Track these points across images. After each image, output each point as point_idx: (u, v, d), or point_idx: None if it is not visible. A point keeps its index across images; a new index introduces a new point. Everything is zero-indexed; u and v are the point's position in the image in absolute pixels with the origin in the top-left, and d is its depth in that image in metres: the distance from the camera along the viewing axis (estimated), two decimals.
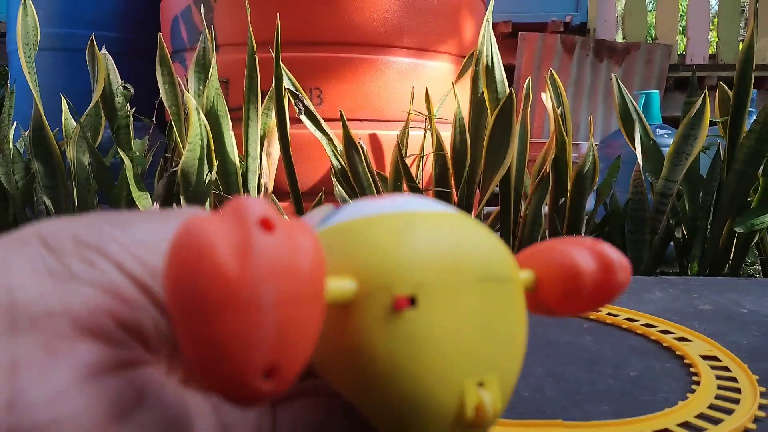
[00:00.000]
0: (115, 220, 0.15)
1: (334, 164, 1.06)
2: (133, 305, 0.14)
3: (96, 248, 0.14)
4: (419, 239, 0.16)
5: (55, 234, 0.14)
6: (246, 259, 0.13)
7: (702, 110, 0.96)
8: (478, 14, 1.37)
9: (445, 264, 0.16)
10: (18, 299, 0.13)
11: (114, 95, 1.01)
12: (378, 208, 0.18)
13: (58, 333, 0.13)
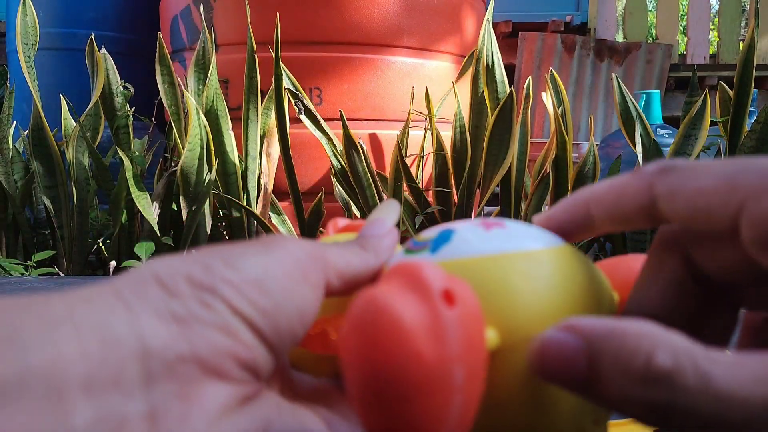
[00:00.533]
0: (226, 256, 0.16)
1: (334, 164, 1.06)
2: (247, 345, 0.15)
3: (211, 290, 0.15)
4: (553, 286, 0.17)
5: (171, 275, 0.15)
6: (440, 341, 0.14)
7: (703, 110, 0.95)
8: (478, 14, 1.37)
9: (575, 312, 0.17)
10: (150, 346, 0.14)
11: (113, 95, 1.01)
12: (496, 244, 0.18)
13: (189, 378, 0.14)
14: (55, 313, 0.13)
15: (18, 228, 1.09)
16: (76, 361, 0.13)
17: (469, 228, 0.20)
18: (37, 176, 1.01)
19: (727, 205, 0.15)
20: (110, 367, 0.13)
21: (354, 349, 0.14)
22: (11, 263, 1.00)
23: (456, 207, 1.06)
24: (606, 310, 0.18)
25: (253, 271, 0.16)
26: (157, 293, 0.14)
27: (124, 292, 0.14)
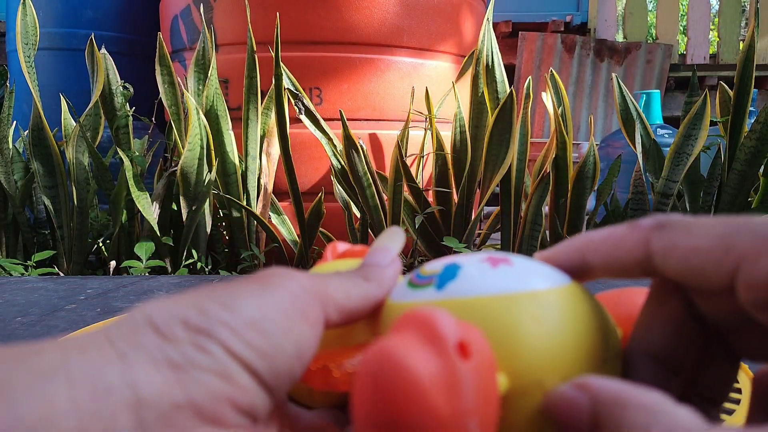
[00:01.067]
0: (222, 298, 0.16)
1: (334, 164, 1.06)
2: (245, 390, 0.15)
3: (207, 333, 0.15)
4: (561, 328, 0.17)
5: (165, 320, 0.15)
6: (456, 395, 0.14)
7: (702, 110, 0.95)
8: (478, 14, 1.37)
9: (584, 354, 0.17)
10: (143, 395, 0.13)
11: (113, 95, 1.01)
12: (503, 283, 0.18)
13: (185, 426, 0.14)
14: (49, 364, 0.13)
15: (18, 228, 1.09)
16: (68, 414, 0.13)
17: (475, 264, 0.20)
18: (37, 176, 1.01)
19: (721, 265, 0.15)
20: (102, 418, 0.13)
21: (368, 404, 0.14)
22: (11, 263, 1.00)
23: (456, 207, 1.06)
24: (612, 348, 0.19)
25: (250, 312, 0.16)
26: (152, 339, 0.14)
27: (117, 340, 0.14)
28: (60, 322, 0.61)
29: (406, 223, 1.07)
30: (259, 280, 0.17)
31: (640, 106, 1.45)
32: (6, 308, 0.67)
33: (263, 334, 0.15)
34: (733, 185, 0.97)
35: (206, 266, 1.04)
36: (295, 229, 1.13)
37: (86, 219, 1.03)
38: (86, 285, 0.80)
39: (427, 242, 1.08)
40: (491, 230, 1.17)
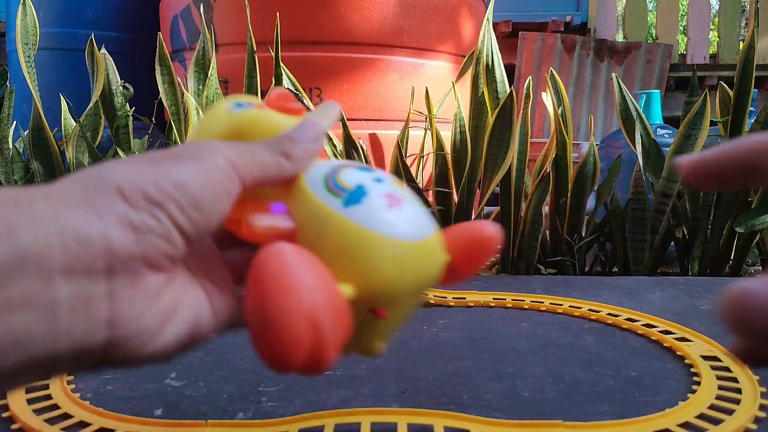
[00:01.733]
0: (171, 175, 0.21)
1: None
2: (178, 247, 0.21)
3: (160, 206, 0.20)
4: (405, 273, 0.24)
5: (131, 191, 0.20)
6: (306, 291, 0.20)
7: (703, 110, 0.95)
8: (478, 14, 1.37)
9: (412, 289, 0.25)
10: (114, 247, 0.19)
11: (113, 95, 1.01)
12: (386, 225, 0.24)
13: (137, 271, 0.20)
14: (42, 213, 0.18)
15: None
16: (59, 252, 0.18)
17: (376, 198, 0.25)
18: (37, 176, 1.01)
19: None
20: (84, 260, 0.18)
21: (252, 288, 0.20)
22: None
23: (456, 207, 1.06)
24: (429, 284, 0.27)
25: (192, 191, 0.21)
26: (121, 206, 0.20)
27: (95, 202, 0.19)
28: None
29: None
30: (195, 157, 0.23)
31: (640, 106, 1.45)
32: None
33: (198, 210, 0.22)
34: None
35: None
36: None
37: None
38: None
39: None
40: None
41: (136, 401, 0.41)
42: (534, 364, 0.49)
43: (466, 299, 0.69)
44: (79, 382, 0.45)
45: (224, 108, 0.29)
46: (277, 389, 0.44)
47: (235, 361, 0.49)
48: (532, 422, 0.37)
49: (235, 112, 0.29)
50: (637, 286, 0.80)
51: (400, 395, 0.43)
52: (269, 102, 0.29)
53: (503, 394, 0.43)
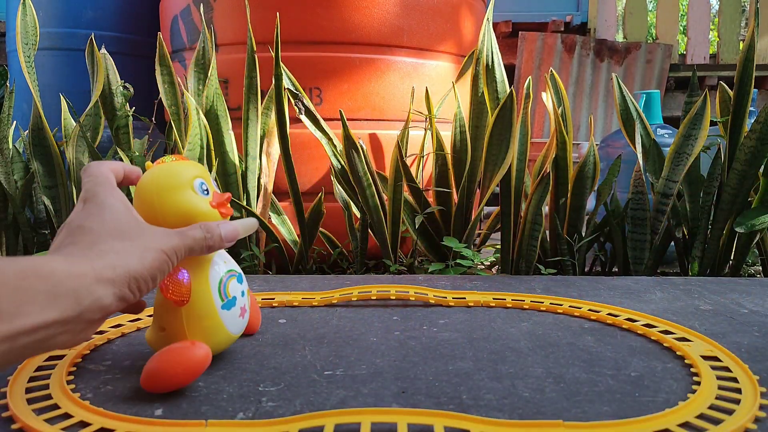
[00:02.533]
0: (130, 266, 0.38)
1: (334, 164, 1.06)
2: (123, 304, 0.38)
3: (115, 286, 0.36)
4: (223, 345, 0.49)
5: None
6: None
7: (703, 110, 0.95)
8: (478, 14, 1.37)
9: (221, 349, 0.50)
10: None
11: (113, 95, 1.01)
12: (233, 327, 0.49)
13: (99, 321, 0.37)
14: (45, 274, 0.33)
15: (18, 228, 1.09)
16: (64, 280, 0.33)
17: (238, 307, 0.49)
18: (37, 176, 1.01)
19: None
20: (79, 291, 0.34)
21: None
22: None
23: (456, 207, 1.06)
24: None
25: (143, 276, 0.38)
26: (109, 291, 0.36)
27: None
28: None
29: (406, 223, 1.07)
30: (143, 248, 0.39)
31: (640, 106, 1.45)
32: None
33: (139, 287, 0.37)
34: (733, 185, 0.97)
35: None
36: (295, 229, 1.13)
37: None
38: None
39: (427, 242, 1.08)
40: (491, 230, 1.17)
41: (136, 401, 0.42)
42: (534, 364, 0.49)
43: (466, 299, 0.69)
44: (79, 382, 0.45)
45: (189, 184, 0.45)
46: (277, 389, 0.44)
47: (235, 361, 0.50)
48: (532, 422, 0.37)
49: (199, 196, 0.45)
50: (637, 286, 0.80)
51: (400, 395, 0.43)
52: (216, 202, 0.46)
53: (503, 394, 0.43)
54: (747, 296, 0.74)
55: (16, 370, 0.46)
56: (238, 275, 0.49)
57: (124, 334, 0.57)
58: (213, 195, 0.46)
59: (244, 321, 0.50)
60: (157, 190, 0.44)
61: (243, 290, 0.49)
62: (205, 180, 0.46)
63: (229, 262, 0.49)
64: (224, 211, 0.46)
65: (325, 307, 0.68)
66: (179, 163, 0.46)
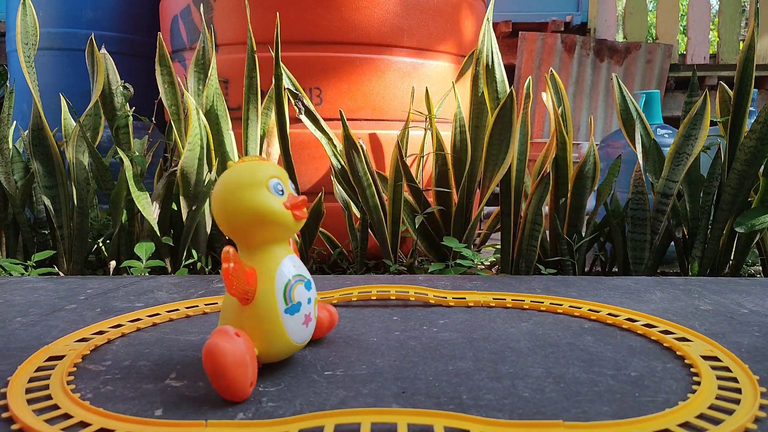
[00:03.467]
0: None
1: (334, 164, 1.06)
2: None
3: None
4: (283, 355, 0.48)
5: None
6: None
7: (703, 110, 0.95)
8: (478, 14, 1.37)
9: (282, 358, 0.49)
10: None
11: (113, 95, 1.01)
12: (295, 335, 0.48)
13: None
14: None
15: (18, 228, 1.09)
16: None
17: (302, 314, 0.47)
18: (37, 176, 1.01)
19: None
20: None
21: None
22: (11, 263, 1.00)
23: (456, 207, 1.06)
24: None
25: None
26: None
27: None
28: (60, 322, 0.61)
29: (406, 223, 1.07)
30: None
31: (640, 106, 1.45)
32: (6, 308, 0.67)
33: None
34: (733, 185, 0.97)
35: (206, 266, 1.04)
36: None
37: (86, 219, 1.03)
38: (86, 285, 0.80)
39: (427, 242, 1.08)
40: (491, 230, 1.17)
41: (136, 401, 0.42)
42: (534, 364, 0.49)
43: (466, 299, 0.69)
44: (79, 382, 0.45)
45: (264, 183, 0.44)
46: (277, 389, 0.44)
47: None
48: (532, 422, 0.37)
49: (273, 196, 0.45)
50: (637, 286, 0.80)
51: (400, 395, 0.43)
52: (291, 204, 0.46)
53: (503, 394, 0.43)
54: (747, 296, 0.74)
55: (17, 370, 0.46)
56: (306, 281, 0.47)
57: (124, 334, 0.57)
58: (288, 197, 0.45)
59: (308, 331, 0.48)
60: (231, 188, 0.44)
61: (310, 298, 0.47)
62: (282, 181, 0.46)
63: (300, 267, 0.47)
64: (298, 213, 0.45)
65: None
66: (257, 163, 0.46)
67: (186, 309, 0.65)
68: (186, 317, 0.63)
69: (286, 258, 0.47)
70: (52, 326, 0.60)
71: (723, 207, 0.99)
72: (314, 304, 0.48)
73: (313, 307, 0.48)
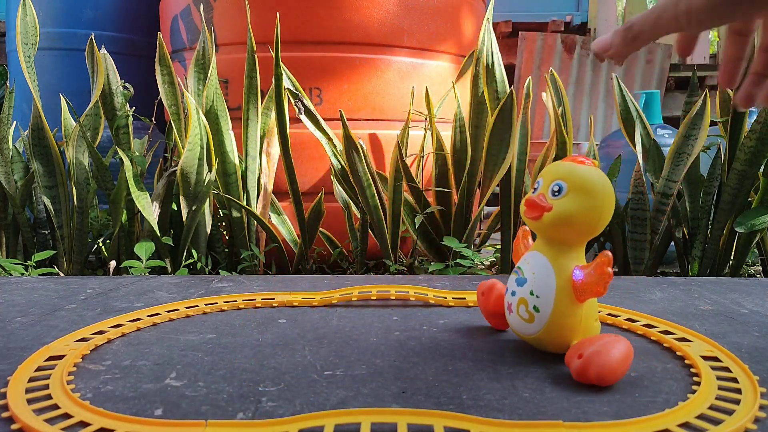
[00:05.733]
0: None
1: (334, 164, 1.06)
2: None
3: None
4: None
5: None
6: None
7: (703, 110, 0.95)
8: (478, 14, 1.37)
9: None
10: None
11: (113, 95, 1.01)
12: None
13: None
14: None
15: (18, 228, 1.09)
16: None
17: None
18: (37, 176, 1.01)
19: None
20: None
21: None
22: (11, 263, 1.00)
23: (456, 207, 1.06)
24: None
25: None
26: None
27: None
28: (60, 322, 0.61)
29: (406, 223, 1.07)
30: None
31: (640, 106, 1.45)
32: (6, 308, 0.67)
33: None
34: (733, 185, 0.97)
35: (206, 266, 1.04)
36: (295, 229, 1.13)
37: (86, 219, 1.03)
38: (86, 285, 0.80)
39: (427, 242, 1.08)
40: (491, 230, 1.17)
41: (136, 401, 0.42)
42: (533, 363, 0.49)
43: (466, 299, 0.69)
44: (79, 382, 0.45)
45: None
46: (277, 389, 0.44)
47: (235, 361, 0.49)
48: (532, 422, 0.37)
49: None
50: (637, 286, 0.80)
51: (400, 395, 0.43)
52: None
53: (503, 394, 0.42)
54: (747, 296, 0.74)
55: (17, 370, 0.46)
56: None
57: (124, 334, 0.57)
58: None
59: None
60: (611, 190, 0.48)
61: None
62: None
63: None
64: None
65: (325, 307, 0.68)
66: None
67: (186, 309, 0.65)
68: (186, 317, 0.63)
69: None
70: (52, 326, 0.60)
71: (723, 207, 0.99)
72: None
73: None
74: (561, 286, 0.47)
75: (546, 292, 0.47)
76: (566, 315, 0.47)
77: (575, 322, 0.47)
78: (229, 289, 0.76)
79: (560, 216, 0.46)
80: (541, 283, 0.47)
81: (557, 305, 0.47)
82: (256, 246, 1.08)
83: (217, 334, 0.57)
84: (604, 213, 0.46)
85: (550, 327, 0.47)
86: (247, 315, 0.64)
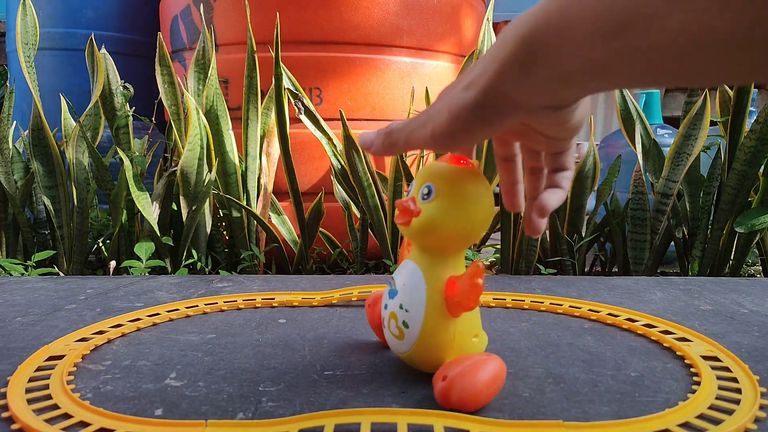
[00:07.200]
0: None
1: (334, 164, 1.06)
2: None
3: None
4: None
5: None
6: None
7: (703, 110, 0.95)
8: (478, 14, 1.37)
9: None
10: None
11: (113, 95, 1.01)
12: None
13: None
14: None
15: (18, 228, 1.09)
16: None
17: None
18: (37, 176, 1.01)
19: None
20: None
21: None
22: (11, 263, 1.00)
23: None
24: None
25: None
26: None
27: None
28: (60, 322, 0.61)
29: None
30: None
31: (640, 106, 1.45)
32: (6, 308, 0.67)
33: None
34: (733, 185, 0.97)
35: (206, 266, 1.04)
36: (295, 229, 1.13)
37: (86, 219, 1.03)
38: (86, 285, 0.80)
39: None
40: (491, 230, 1.17)
41: (136, 401, 0.42)
42: (534, 364, 0.49)
43: None
44: (79, 382, 0.45)
45: None
46: (277, 389, 0.44)
47: (235, 361, 0.49)
48: (532, 422, 0.37)
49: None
50: (637, 286, 0.80)
51: (400, 395, 0.43)
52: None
53: (503, 394, 0.42)
54: (747, 296, 0.74)
55: (17, 370, 0.46)
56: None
57: (124, 334, 0.57)
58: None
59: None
60: (490, 192, 0.43)
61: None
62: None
63: None
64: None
65: (325, 307, 0.68)
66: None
67: (186, 309, 0.65)
68: (186, 317, 0.63)
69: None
70: (52, 326, 0.60)
71: (723, 207, 0.99)
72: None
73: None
74: (432, 298, 0.41)
75: (416, 307, 0.41)
76: (438, 332, 0.41)
77: (447, 339, 0.42)
78: (229, 289, 0.76)
79: (426, 222, 0.40)
80: (411, 295, 0.42)
81: (427, 321, 0.41)
82: (256, 246, 1.08)
83: (217, 334, 0.57)
84: (477, 220, 0.41)
85: (421, 345, 0.42)
86: (247, 315, 0.64)
